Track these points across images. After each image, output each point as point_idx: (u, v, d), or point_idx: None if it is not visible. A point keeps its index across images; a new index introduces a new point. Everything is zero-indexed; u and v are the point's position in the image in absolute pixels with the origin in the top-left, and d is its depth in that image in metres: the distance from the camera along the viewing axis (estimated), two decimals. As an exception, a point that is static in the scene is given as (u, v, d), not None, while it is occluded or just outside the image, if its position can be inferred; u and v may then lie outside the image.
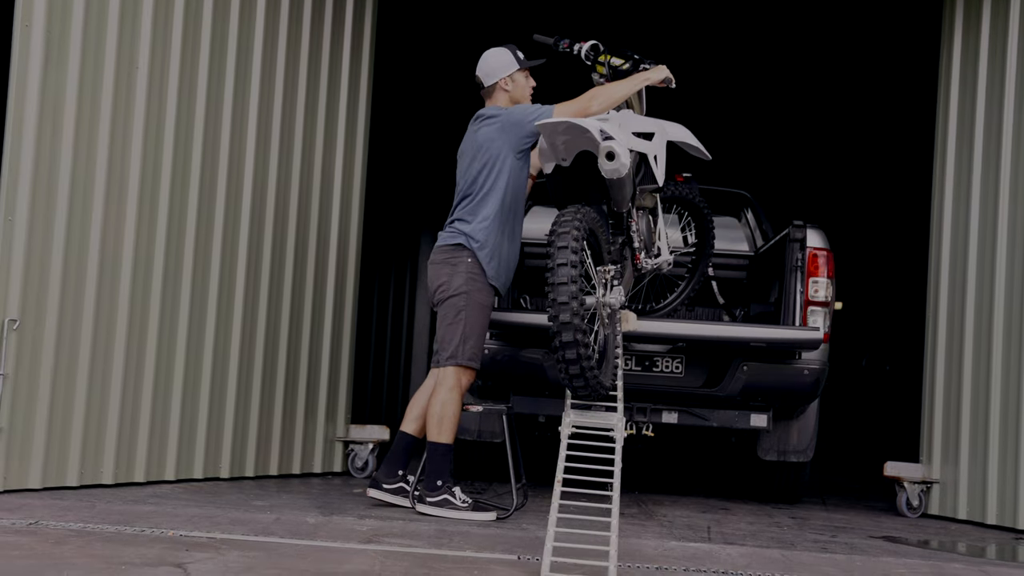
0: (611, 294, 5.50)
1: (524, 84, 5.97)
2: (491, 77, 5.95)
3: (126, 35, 5.94)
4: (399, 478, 5.85)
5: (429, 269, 5.84)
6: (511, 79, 5.94)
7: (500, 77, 5.93)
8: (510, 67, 5.93)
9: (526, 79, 5.98)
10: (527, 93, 5.98)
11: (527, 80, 5.99)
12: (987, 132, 7.03)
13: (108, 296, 5.89)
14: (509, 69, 5.93)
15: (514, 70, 5.93)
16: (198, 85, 6.40)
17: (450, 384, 5.66)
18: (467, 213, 5.74)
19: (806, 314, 6.64)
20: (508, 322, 6.44)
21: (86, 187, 5.77)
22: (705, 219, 7.03)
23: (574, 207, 5.24)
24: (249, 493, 6.17)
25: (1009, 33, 6.89)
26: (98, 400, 5.86)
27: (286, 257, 7.09)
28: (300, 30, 7.16)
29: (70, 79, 5.67)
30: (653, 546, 5.12)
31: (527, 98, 5.98)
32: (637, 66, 5.86)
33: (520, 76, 5.96)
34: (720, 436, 7.58)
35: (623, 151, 5.18)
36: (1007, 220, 6.81)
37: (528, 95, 5.99)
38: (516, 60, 5.95)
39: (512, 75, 5.94)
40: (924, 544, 5.94)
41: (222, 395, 6.62)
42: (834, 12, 11.47)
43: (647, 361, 6.83)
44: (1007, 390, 6.70)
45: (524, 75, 5.98)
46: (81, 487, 5.77)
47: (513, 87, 5.95)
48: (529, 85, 5.99)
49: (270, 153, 6.94)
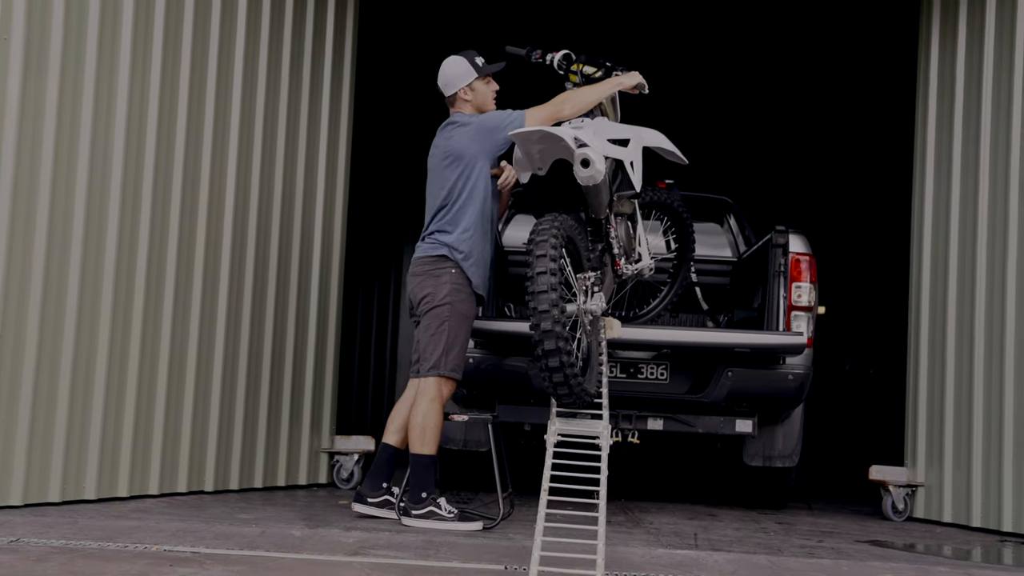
0: (592, 301, 5.50)
1: (485, 91, 5.90)
2: (450, 87, 5.90)
3: (105, 50, 5.91)
4: (383, 491, 5.82)
5: (410, 281, 5.80)
6: (470, 88, 5.87)
7: (459, 87, 5.87)
8: (468, 76, 5.86)
9: (487, 85, 5.91)
10: (489, 99, 5.91)
11: (488, 86, 5.91)
12: (965, 135, 7.07)
13: (89, 309, 5.85)
14: (467, 78, 5.86)
15: (472, 79, 5.86)
16: (178, 105, 6.36)
17: (431, 395, 5.64)
18: (447, 223, 5.72)
19: (789, 319, 6.65)
20: (492, 331, 6.43)
21: (67, 203, 5.72)
22: (684, 223, 7.04)
23: (552, 215, 5.24)
24: (234, 506, 6.13)
25: (985, 37, 6.93)
26: (80, 415, 5.81)
27: (269, 267, 7.06)
28: (281, 41, 7.14)
29: (50, 88, 5.64)
30: (640, 554, 5.11)
31: (490, 104, 5.91)
32: (610, 73, 5.88)
33: (480, 84, 5.89)
34: (705, 442, 7.59)
35: (598, 158, 5.19)
36: (987, 223, 6.84)
37: (491, 100, 5.92)
38: (474, 68, 5.87)
39: (471, 84, 5.87)
40: (910, 548, 5.95)
41: (206, 407, 6.59)
42: (814, 16, 11.51)
43: (632, 368, 6.83)
44: (989, 393, 6.73)
45: (484, 82, 5.90)
46: (63, 503, 5.73)
47: (474, 95, 5.88)
48: (491, 91, 5.92)
49: (252, 162, 6.91)
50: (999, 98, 6.84)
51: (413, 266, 5.81)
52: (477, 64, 5.89)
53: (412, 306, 5.83)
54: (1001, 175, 6.77)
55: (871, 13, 11.17)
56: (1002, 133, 6.79)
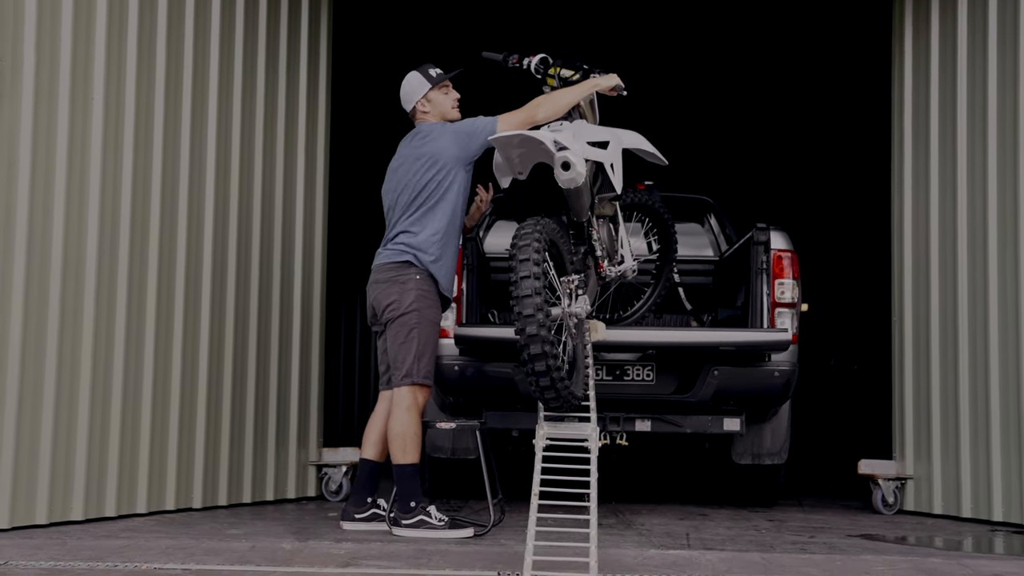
0: (576, 304, 5.50)
1: (443, 100, 5.87)
2: (408, 102, 5.91)
3: (79, 71, 5.87)
4: (369, 505, 5.80)
5: (371, 289, 5.75)
6: (427, 100, 5.86)
7: (415, 100, 5.86)
8: (421, 88, 5.85)
9: (444, 94, 5.88)
10: (449, 107, 5.88)
11: (446, 95, 5.88)
12: (942, 131, 7.10)
13: (71, 329, 5.81)
14: (421, 90, 5.85)
15: (426, 90, 5.85)
16: (154, 127, 6.33)
17: (407, 404, 5.61)
18: (412, 224, 5.67)
19: (773, 316, 6.66)
20: (476, 337, 6.42)
21: (45, 222, 5.68)
22: (666, 224, 7.04)
23: (533, 219, 5.24)
24: (223, 522, 6.10)
25: (958, 33, 6.96)
26: (65, 435, 5.77)
27: (250, 281, 7.03)
28: (256, 52, 7.11)
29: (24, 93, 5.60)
30: (633, 555, 5.10)
31: (452, 112, 5.87)
32: (587, 76, 5.88)
33: (435, 93, 5.87)
34: (694, 442, 7.59)
35: (578, 160, 5.20)
36: (966, 216, 6.87)
37: (451, 108, 5.88)
38: (427, 79, 5.85)
39: (426, 95, 5.86)
40: (902, 540, 5.96)
41: (191, 424, 6.55)
42: (792, 15, 11.56)
43: (618, 370, 6.83)
44: (975, 383, 6.75)
45: (440, 91, 5.87)
46: (51, 524, 5.68)
47: (431, 106, 5.87)
48: (451, 99, 5.89)
49: (230, 176, 6.87)
50: (973, 91, 6.87)
51: (375, 273, 5.77)
52: (430, 75, 5.87)
53: (374, 314, 5.77)
54: (979, 165, 6.80)
55: (848, 9, 11.21)
56: (978, 123, 6.82)
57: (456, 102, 5.92)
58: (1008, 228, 6.59)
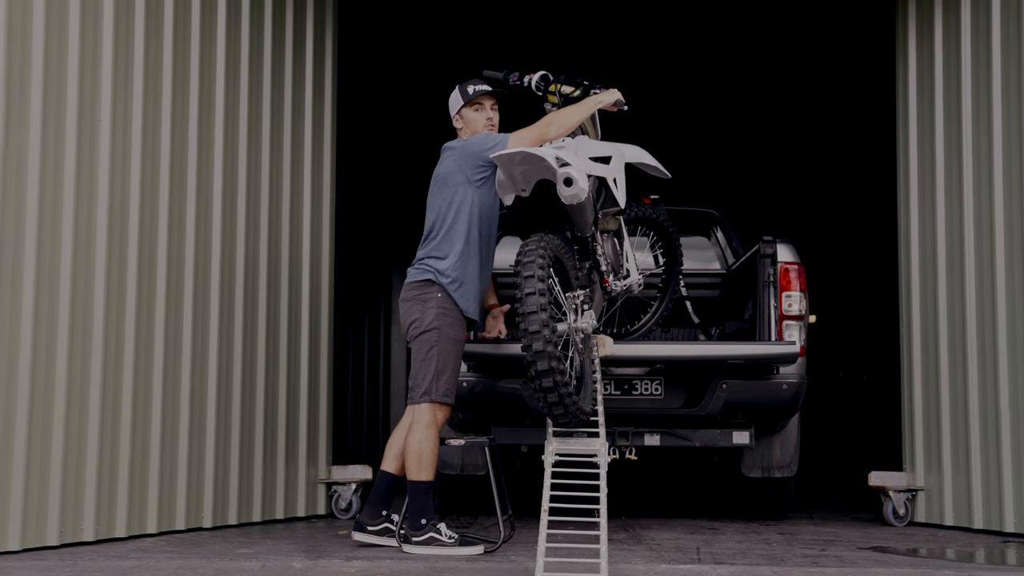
0: (582, 319, 5.51)
1: (474, 117, 5.94)
2: (452, 118, 6.03)
3: (86, 92, 5.90)
4: (383, 518, 5.80)
5: (400, 307, 5.82)
6: (460, 116, 5.98)
7: (452, 117, 6.01)
8: (455, 105, 5.99)
9: (475, 112, 5.93)
10: (479, 125, 5.92)
11: (477, 113, 5.93)
12: (947, 139, 7.10)
13: (80, 348, 5.82)
14: (455, 108, 5.99)
15: (459, 107, 5.96)
16: (160, 147, 6.36)
17: (426, 421, 5.62)
18: (434, 249, 5.73)
19: (781, 328, 6.66)
20: (485, 354, 6.42)
21: (53, 240, 5.70)
22: (671, 238, 7.05)
23: (538, 235, 5.26)
24: (233, 541, 6.10)
25: (962, 40, 6.97)
26: (75, 456, 5.78)
27: (258, 299, 7.05)
28: (261, 72, 7.15)
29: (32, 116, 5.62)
30: (643, 570, 5.09)
31: (481, 130, 5.91)
32: (588, 92, 5.91)
33: (468, 111, 5.95)
34: (703, 456, 7.57)
35: (580, 176, 5.22)
36: (973, 225, 6.87)
37: (481, 127, 5.91)
38: (461, 96, 5.96)
39: (459, 112, 5.97)
40: (913, 552, 5.94)
41: (201, 443, 6.56)
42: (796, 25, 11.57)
43: (626, 384, 6.82)
44: (984, 393, 6.73)
45: (472, 109, 5.94)
46: (62, 546, 5.68)
47: (464, 124, 5.97)
48: (482, 117, 5.93)
49: (237, 194, 6.90)
50: (978, 94, 6.87)
51: (403, 291, 5.82)
52: (467, 91, 5.97)
53: (405, 331, 5.84)
54: (985, 173, 6.80)
55: (852, 20, 11.22)
56: (983, 131, 6.82)
57: (489, 121, 5.94)
58: (1015, 236, 6.58)
